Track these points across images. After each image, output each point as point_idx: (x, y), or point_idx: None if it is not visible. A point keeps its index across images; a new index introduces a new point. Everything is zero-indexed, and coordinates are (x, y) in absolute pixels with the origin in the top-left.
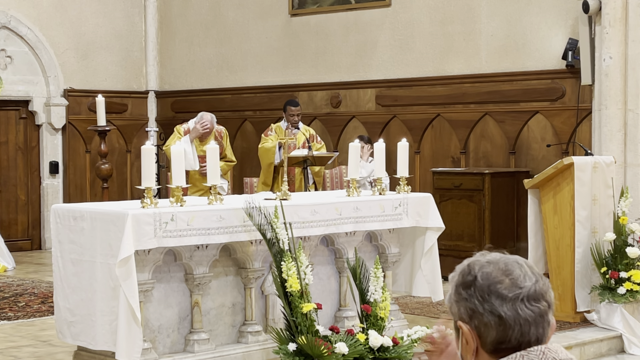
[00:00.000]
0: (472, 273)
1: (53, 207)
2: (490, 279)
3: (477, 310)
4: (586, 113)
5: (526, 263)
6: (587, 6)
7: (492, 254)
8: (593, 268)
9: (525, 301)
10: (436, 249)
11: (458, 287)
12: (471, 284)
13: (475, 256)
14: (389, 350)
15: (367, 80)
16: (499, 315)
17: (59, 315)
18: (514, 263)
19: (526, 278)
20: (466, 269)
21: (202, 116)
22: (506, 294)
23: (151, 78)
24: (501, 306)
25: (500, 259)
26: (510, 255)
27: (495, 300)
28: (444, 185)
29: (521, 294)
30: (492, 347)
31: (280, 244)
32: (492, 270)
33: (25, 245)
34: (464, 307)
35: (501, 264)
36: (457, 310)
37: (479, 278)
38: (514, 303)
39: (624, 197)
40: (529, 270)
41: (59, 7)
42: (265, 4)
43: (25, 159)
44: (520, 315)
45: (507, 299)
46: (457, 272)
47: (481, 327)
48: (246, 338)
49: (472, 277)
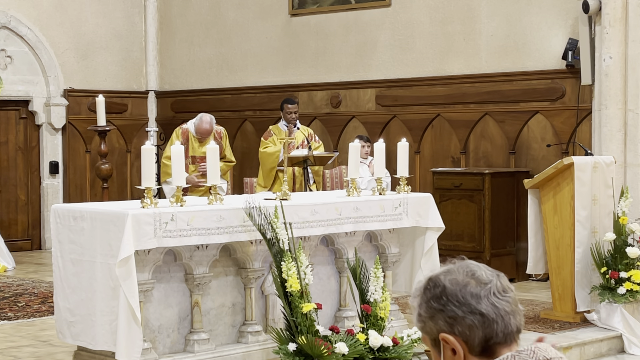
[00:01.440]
0: (438, 284)
1: (53, 207)
2: (458, 283)
3: (457, 315)
4: (586, 113)
5: (479, 264)
6: (587, 6)
7: (445, 266)
8: (593, 268)
9: (497, 294)
10: (436, 249)
11: (429, 302)
12: (442, 294)
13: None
14: (389, 350)
15: (367, 80)
16: (480, 313)
17: (59, 315)
18: (472, 265)
19: (487, 276)
20: (430, 283)
21: (201, 117)
22: (478, 291)
23: (151, 78)
24: (478, 304)
25: (456, 267)
26: (462, 262)
27: (471, 299)
28: (444, 185)
29: (491, 289)
30: (481, 347)
31: (280, 244)
32: (456, 276)
33: (25, 245)
34: (442, 318)
35: (460, 270)
36: (433, 325)
37: (447, 285)
38: (488, 298)
39: (624, 197)
40: (485, 269)
41: (59, 7)
42: (265, 4)
43: (25, 159)
44: (498, 308)
45: (481, 296)
46: (419, 291)
47: (466, 331)
48: (246, 338)
49: (440, 288)
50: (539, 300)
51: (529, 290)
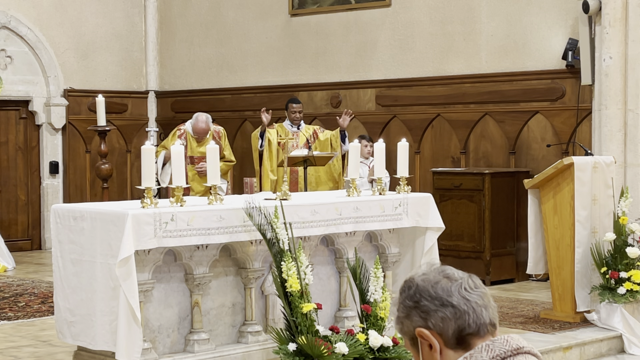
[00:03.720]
0: (412, 285)
1: (53, 207)
2: (430, 280)
3: (430, 308)
4: (586, 113)
5: (451, 267)
6: (587, 6)
7: (418, 270)
8: (593, 268)
9: (468, 288)
10: (436, 249)
11: (404, 302)
12: (415, 292)
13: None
14: (389, 350)
15: (367, 80)
16: (451, 305)
17: (59, 315)
18: (443, 267)
19: (458, 274)
20: (404, 285)
21: (196, 117)
22: (449, 286)
23: (151, 78)
24: (450, 297)
25: (428, 270)
26: (438, 266)
27: (442, 293)
28: (444, 185)
29: (462, 284)
30: (455, 338)
31: (280, 244)
32: (428, 274)
33: (25, 245)
34: (416, 314)
35: (432, 271)
36: (409, 323)
37: (419, 283)
38: (459, 291)
39: (624, 197)
40: (457, 270)
41: (59, 7)
42: (265, 4)
43: (25, 159)
44: (469, 300)
45: (452, 290)
46: (396, 298)
47: (439, 324)
48: (246, 338)
49: (414, 287)
50: (539, 300)
51: (529, 290)
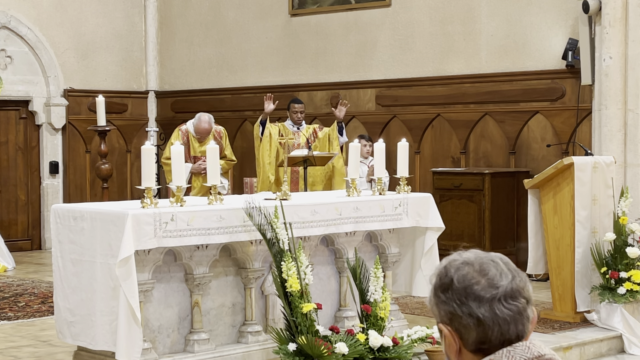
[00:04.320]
0: (448, 275)
1: (53, 207)
2: (466, 281)
3: (456, 313)
4: (586, 113)
5: (502, 260)
6: (587, 6)
7: (468, 253)
8: (593, 268)
9: (503, 301)
10: (436, 249)
11: (436, 290)
12: (448, 287)
13: (452, 255)
14: (389, 350)
15: (367, 80)
16: (477, 317)
17: (59, 315)
18: (489, 262)
19: (502, 276)
20: (443, 271)
21: (199, 117)
22: (483, 295)
23: (151, 78)
24: (478, 308)
25: (475, 259)
26: (485, 254)
27: (473, 302)
28: (444, 185)
29: (498, 294)
30: (474, 347)
31: (280, 244)
32: (468, 272)
33: (25, 245)
34: (443, 310)
35: (476, 264)
36: (437, 312)
37: (455, 281)
38: (491, 304)
39: (624, 197)
40: (504, 268)
41: (59, 7)
42: (265, 4)
43: (25, 159)
44: (498, 316)
45: (484, 300)
46: (435, 273)
47: (461, 329)
48: (246, 338)
49: (448, 280)
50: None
51: None
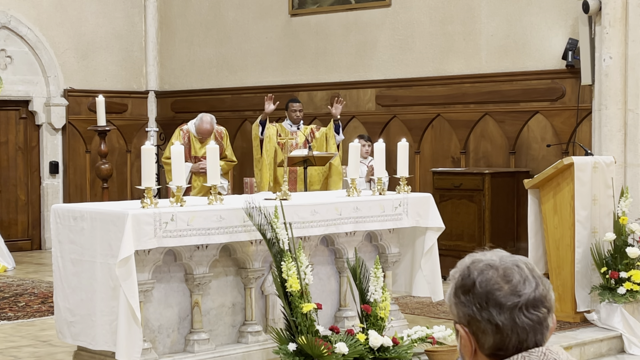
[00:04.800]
0: (471, 277)
1: (53, 207)
2: (489, 285)
3: (475, 317)
4: (586, 113)
5: (527, 265)
6: (587, 6)
7: (492, 255)
8: (593, 268)
9: (524, 309)
10: (436, 249)
11: (457, 290)
12: (470, 290)
13: (477, 255)
14: (389, 350)
15: (367, 80)
16: (496, 324)
17: (59, 315)
18: (514, 267)
19: (526, 284)
20: (466, 271)
21: (201, 117)
22: (504, 302)
23: (151, 78)
24: (499, 315)
25: (500, 263)
26: (510, 257)
27: (493, 309)
28: (444, 185)
29: (520, 303)
30: (490, 352)
31: (280, 244)
32: (492, 277)
33: (25, 245)
34: (462, 311)
35: (500, 269)
36: (456, 312)
37: (477, 285)
38: (511, 312)
39: (624, 197)
40: (529, 274)
41: (59, 7)
42: (265, 4)
43: (25, 159)
44: (517, 325)
45: (505, 308)
46: (457, 271)
47: (479, 333)
48: (246, 338)
49: (470, 282)
50: None
51: None
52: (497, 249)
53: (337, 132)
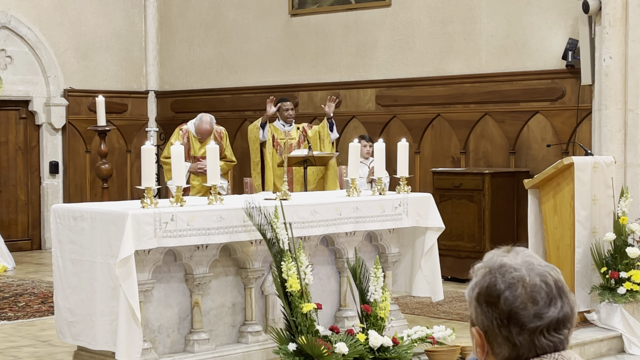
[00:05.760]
0: (497, 288)
1: (53, 207)
2: (513, 305)
3: (494, 331)
4: (586, 113)
5: (554, 280)
6: (587, 6)
7: (520, 263)
8: (593, 268)
9: (545, 332)
10: (436, 249)
11: (480, 296)
12: (493, 303)
13: (504, 258)
14: (389, 350)
15: (367, 80)
16: (514, 344)
17: (59, 315)
18: (541, 285)
19: (551, 305)
20: (492, 280)
21: (201, 117)
22: (527, 323)
23: (151, 78)
24: (518, 335)
25: (529, 279)
26: (539, 266)
27: (514, 328)
28: (444, 185)
29: (542, 326)
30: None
31: (280, 244)
32: (519, 295)
33: (25, 245)
34: (481, 318)
35: (528, 287)
36: (475, 316)
37: (502, 301)
38: (532, 334)
39: (624, 197)
40: (555, 292)
41: (59, 7)
42: (265, 4)
43: (25, 159)
44: (536, 346)
45: (526, 330)
46: (483, 271)
47: (494, 343)
48: (246, 338)
49: (496, 295)
50: None
51: None
52: (525, 251)
53: (331, 130)
